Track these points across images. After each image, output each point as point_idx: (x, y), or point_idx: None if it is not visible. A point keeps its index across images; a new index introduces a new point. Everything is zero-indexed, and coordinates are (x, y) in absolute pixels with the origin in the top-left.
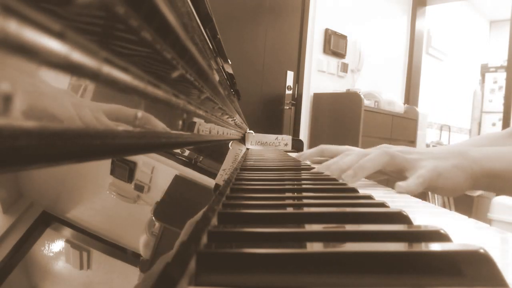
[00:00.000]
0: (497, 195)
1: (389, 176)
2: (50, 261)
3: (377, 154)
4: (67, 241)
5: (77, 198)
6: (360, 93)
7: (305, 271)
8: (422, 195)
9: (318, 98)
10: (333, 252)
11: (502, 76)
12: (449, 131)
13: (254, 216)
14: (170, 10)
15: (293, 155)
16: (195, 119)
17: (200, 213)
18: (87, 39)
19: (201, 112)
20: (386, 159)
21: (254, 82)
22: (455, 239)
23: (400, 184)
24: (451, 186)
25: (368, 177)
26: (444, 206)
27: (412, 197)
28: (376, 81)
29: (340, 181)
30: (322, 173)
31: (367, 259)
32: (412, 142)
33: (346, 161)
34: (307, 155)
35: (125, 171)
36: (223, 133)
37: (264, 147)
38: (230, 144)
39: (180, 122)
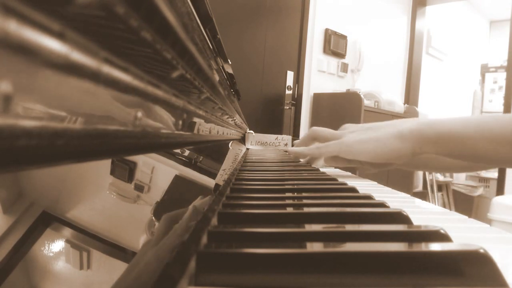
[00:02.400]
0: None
1: (355, 164)
2: (50, 261)
3: (304, 135)
4: (67, 241)
5: (77, 198)
6: (360, 93)
7: (305, 271)
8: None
9: (318, 98)
10: (333, 252)
11: (502, 76)
12: None
13: (254, 216)
14: (170, 10)
15: (284, 148)
16: (195, 119)
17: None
18: (87, 39)
19: (201, 112)
20: (309, 132)
21: (254, 82)
22: (455, 239)
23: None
24: (379, 153)
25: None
26: (444, 205)
27: (412, 197)
28: (376, 81)
29: (328, 171)
30: (323, 173)
31: (367, 259)
32: None
33: (306, 150)
34: (299, 141)
35: (125, 171)
36: (223, 133)
37: (264, 147)
38: (230, 144)
39: (180, 122)
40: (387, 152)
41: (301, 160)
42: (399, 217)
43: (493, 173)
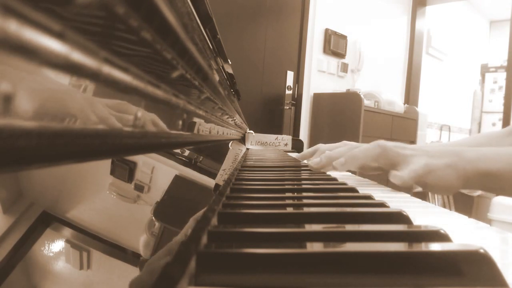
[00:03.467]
0: (490, 193)
1: (381, 171)
2: (50, 261)
3: (369, 146)
4: (67, 241)
5: (77, 198)
6: (360, 93)
7: (305, 271)
8: (422, 195)
9: (318, 98)
10: (333, 252)
11: (502, 76)
12: (449, 131)
13: (254, 216)
14: (170, 10)
15: (293, 155)
16: (195, 119)
17: (201, 211)
18: (87, 39)
19: (201, 112)
20: (378, 151)
21: (254, 82)
22: (455, 239)
23: (395, 173)
24: (442, 184)
25: (363, 175)
26: (444, 206)
27: (411, 197)
28: (376, 81)
29: (329, 172)
30: (323, 173)
31: (367, 259)
32: (412, 142)
33: (337, 151)
34: (304, 154)
35: (125, 171)
36: (223, 133)
37: (264, 147)
38: (230, 144)
39: (180, 122)
40: (449, 188)
41: (311, 165)
42: (399, 217)
43: None
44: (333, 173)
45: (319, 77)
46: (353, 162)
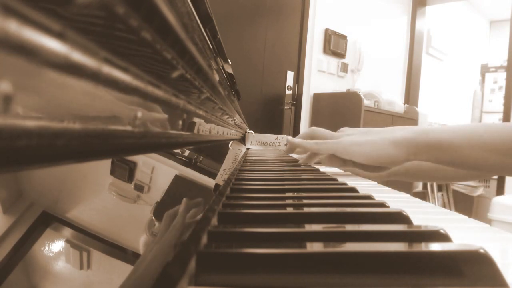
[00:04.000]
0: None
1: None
2: (50, 261)
3: (302, 133)
4: (67, 241)
5: (77, 198)
6: (360, 93)
7: (305, 271)
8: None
9: (318, 98)
10: (333, 252)
11: (502, 76)
12: None
13: (254, 216)
14: (170, 10)
15: (294, 156)
16: (195, 119)
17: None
18: (87, 39)
19: (201, 112)
20: (311, 132)
21: (254, 82)
22: (455, 239)
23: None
24: (371, 156)
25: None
26: (444, 206)
27: (412, 197)
28: (376, 81)
29: (328, 170)
30: (323, 173)
31: (367, 259)
32: None
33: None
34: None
35: (125, 171)
36: (223, 133)
37: (264, 147)
38: (230, 144)
39: (180, 122)
40: (381, 155)
41: (297, 157)
42: (399, 217)
43: None
44: (333, 172)
45: (319, 77)
46: (291, 144)
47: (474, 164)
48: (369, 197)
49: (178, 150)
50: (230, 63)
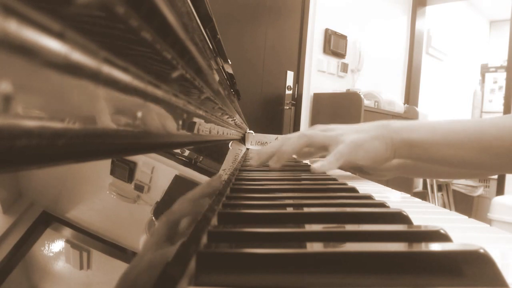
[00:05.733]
0: (419, 162)
1: (317, 154)
2: (50, 261)
3: (296, 137)
4: (67, 241)
5: (77, 198)
6: (360, 93)
7: (305, 271)
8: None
9: (318, 98)
10: (333, 252)
11: (502, 76)
12: None
13: (254, 216)
14: (170, 10)
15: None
16: (195, 119)
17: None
18: (87, 39)
19: (201, 112)
20: (304, 140)
21: (254, 82)
22: (455, 239)
23: (314, 166)
24: (372, 156)
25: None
26: (444, 206)
27: (412, 197)
28: (376, 81)
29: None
30: (323, 173)
31: (367, 259)
32: None
33: (268, 148)
34: (290, 150)
35: (125, 171)
36: (223, 133)
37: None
38: (230, 144)
39: (180, 122)
40: (380, 155)
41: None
42: (399, 217)
43: None
44: (333, 172)
45: (319, 77)
46: (283, 158)
47: (452, 162)
48: (369, 197)
49: (178, 150)
50: (230, 63)
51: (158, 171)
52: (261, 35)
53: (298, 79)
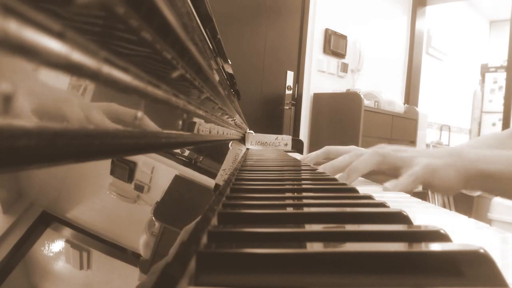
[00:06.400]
0: (490, 195)
1: (386, 174)
2: (50, 261)
3: (369, 155)
4: (67, 241)
5: (77, 198)
6: (360, 93)
7: (305, 271)
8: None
9: (318, 98)
10: (333, 252)
11: (502, 76)
12: (449, 131)
13: (254, 216)
14: (170, 10)
15: (298, 157)
16: (195, 119)
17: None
18: (87, 39)
19: (201, 112)
20: (378, 159)
21: (254, 82)
22: (455, 239)
23: (386, 184)
24: (445, 184)
25: (367, 177)
26: (444, 206)
27: (412, 197)
28: (376, 81)
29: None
30: (323, 173)
31: (367, 259)
32: (412, 142)
33: (340, 162)
34: (312, 157)
35: (125, 171)
36: (223, 133)
37: (264, 147)
38: (230, 144)
39: (180, 122)
40: (452, 184)
41: (306, 162)
42: (399, 217)
43: None
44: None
45: (319, 77)
46: (355, 175)
47: None
48: (369, 197)
49: (178, 150)
50: (230, 63)
51: (158, 171)
52: (261, 35)
53: (298, 79)
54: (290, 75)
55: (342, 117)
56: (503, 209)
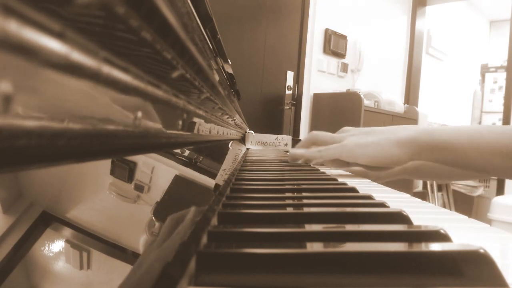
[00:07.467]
0: (443, 165)
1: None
2: (50, 261)
3: (303, 139)
4: (67, 241)
5: (77, 198)
6: (360, 93)
7: (305, 271)
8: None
9: (318, 98)
10: (333, 252)
11: (502, 76)
12: None
13: (254, 216)
14: (170, 10)
15: (285, 149)
16: (195, 119)
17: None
18: (87, 39)
19: (201, 112)
20: (308, 137)
21: (254, 82)
22: (455, 239)
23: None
24: (379, 159)
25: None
26: (444, 206)
27: (413, 197)
28: (376, 81)
29: (329, 171)
30: (323, 173)
31: (367, 259)
32: None
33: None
34: (298, 146)
35: (125, 171)
36: (223, 133)
37: (264, 147)
38: (230, 144)
39: (180, 122)
40: (385, 157)
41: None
42: (399, 217)
43: None
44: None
45: (319, 77)
46: (293, 157)
47: (477, 165)
48: (369, 197)
49: (178, 150)
50: (230, 63)
51: (158, 171)
52: (261, 35)
53: (298, 79)
54: (290, 75)
55: (342, 117)
56: (503, 209)
